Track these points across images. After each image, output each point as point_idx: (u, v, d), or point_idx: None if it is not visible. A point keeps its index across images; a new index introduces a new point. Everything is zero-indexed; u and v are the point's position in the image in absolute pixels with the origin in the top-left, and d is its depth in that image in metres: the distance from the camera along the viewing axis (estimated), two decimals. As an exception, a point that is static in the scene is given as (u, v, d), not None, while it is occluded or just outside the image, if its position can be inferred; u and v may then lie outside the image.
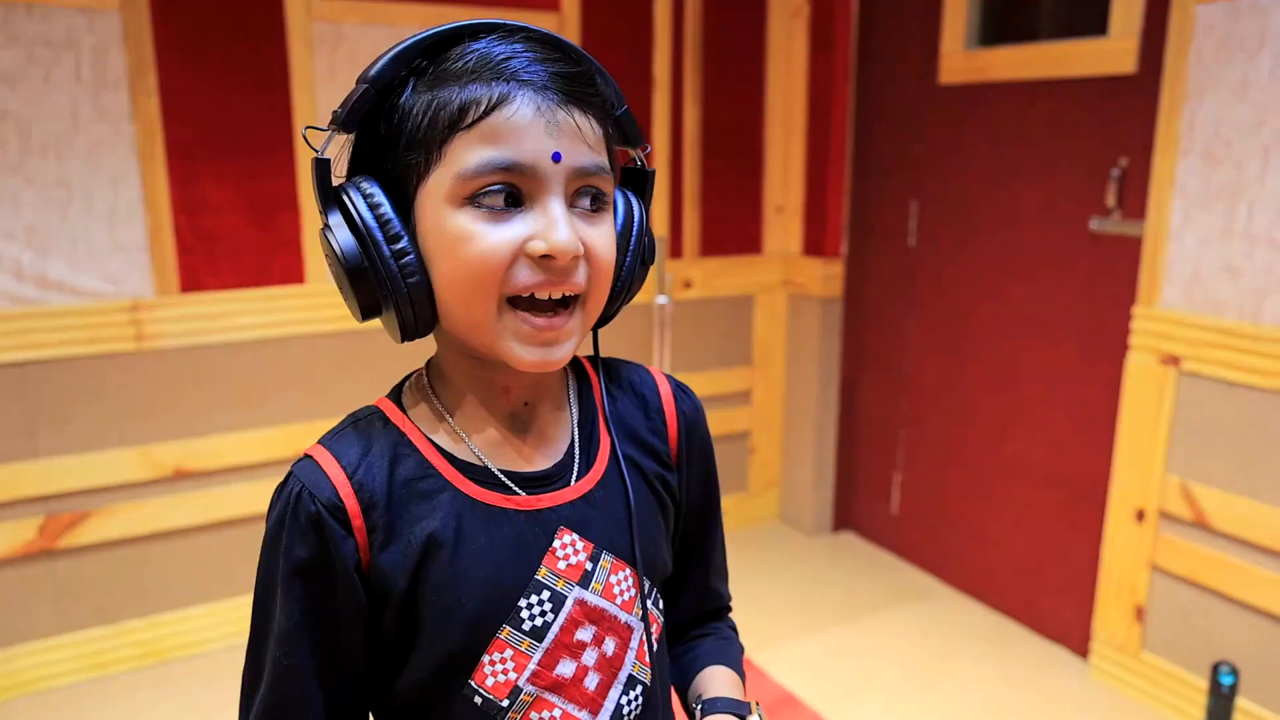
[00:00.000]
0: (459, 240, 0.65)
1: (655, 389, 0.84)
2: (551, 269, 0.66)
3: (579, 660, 0.74)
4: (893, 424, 2.76)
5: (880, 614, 2.49)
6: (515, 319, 0.67)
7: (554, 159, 0.65)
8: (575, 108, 0.67)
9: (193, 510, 2.21)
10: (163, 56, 2.03)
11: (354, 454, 0.71)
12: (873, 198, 2.73)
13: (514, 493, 0.73)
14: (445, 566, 0.70)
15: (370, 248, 0.65)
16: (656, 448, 0.82)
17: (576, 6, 2.45)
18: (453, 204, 0.65)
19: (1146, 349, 2.00)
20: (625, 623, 0.76)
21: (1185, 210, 1.92)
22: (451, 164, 0.65)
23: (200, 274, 2.15)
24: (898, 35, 2.58)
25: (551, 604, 0.72)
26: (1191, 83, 1.88)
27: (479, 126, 0.64)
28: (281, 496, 0.70)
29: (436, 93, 0.65)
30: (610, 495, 0.77)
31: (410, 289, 0.66)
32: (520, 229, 0.65)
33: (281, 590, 0.69)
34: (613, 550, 0.76)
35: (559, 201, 0.66)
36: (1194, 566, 1.96)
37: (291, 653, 0.69)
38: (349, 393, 2.34)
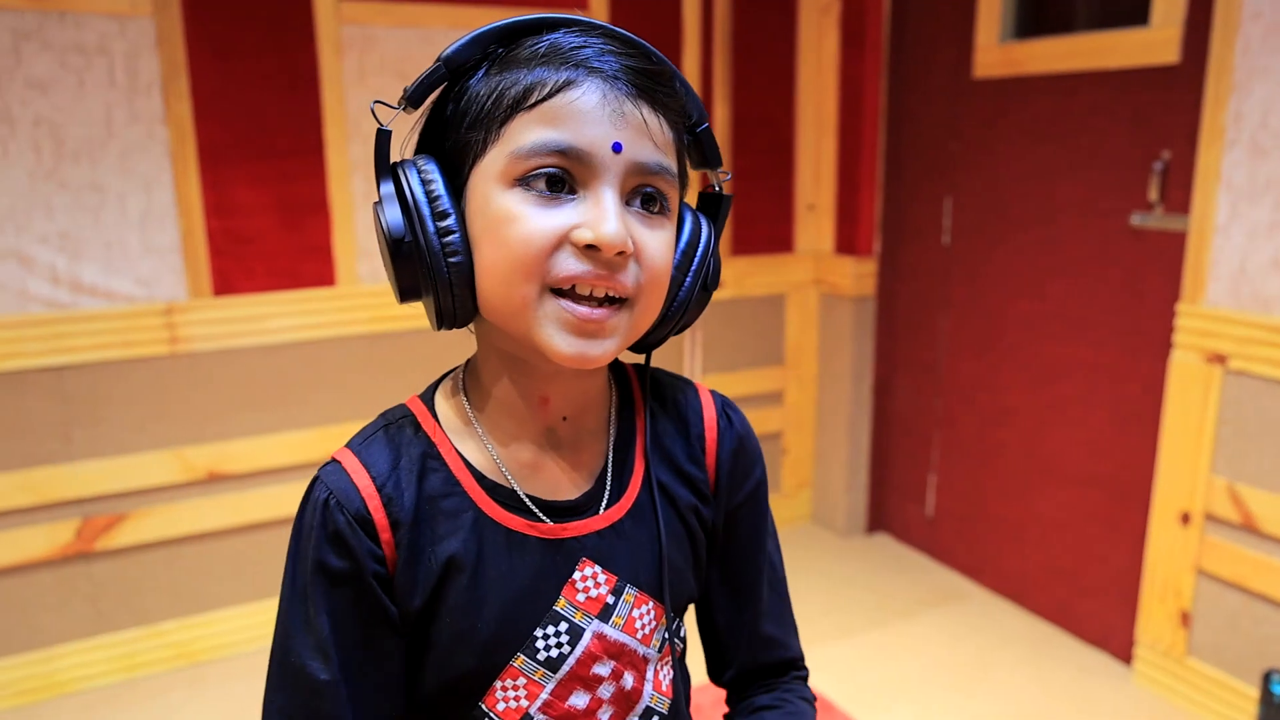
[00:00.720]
0: (503, 221, 0.63)
1: (700, 413, 0.79)
2: (596, 261, 0.62)
3: (594, 693, 0.71)
4: (927, 424, 2.72)
5: (915, 617, 2.45)
6: (556, 305, 0.63)
7: (614, 149, 0.63)
8: (646, 103, 0.65)
9: (225, 513, 2.22)
10: (194, 60, 2.04)
11: (384, 465, 0.69)
12: (906, 195, 2.69)
13: (539, 519, 0.70)
14: (463, 590, 0.68)
15: (416, 224, 0.63)
16: (694, 477, 0.78)
17: (605, 4, 2.43)
18: (503, 183, 0.63)
19: (1191, 347, 1.95)
20: (644, 655, 0.74)
21: (1232, 204, 1.86)
22: (508, 143, 0.63)
23: (232, 277, 2.16)
24: (931, 30, 2.54)
25: (569, 636, 0.70)
26: (1238, 72, 1.83)
27: (541, 107, 0.63)
28: (309, 503, 0.69)
29: (504, 75, 0.64)
30: (639, 525, 0.74)
31: (451, 269, 0.64)
32: (568, 216, 0.63)
33: (307, 596, 0.68)
34: (637, 584, 0.73)
35: (612, 193, 0.63)
36: (1242, 571, 1.90)
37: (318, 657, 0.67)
38: (380, 395, 2.34)
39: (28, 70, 1.91)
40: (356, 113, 2.21)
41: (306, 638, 0.68)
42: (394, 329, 2.32)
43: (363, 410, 2.32)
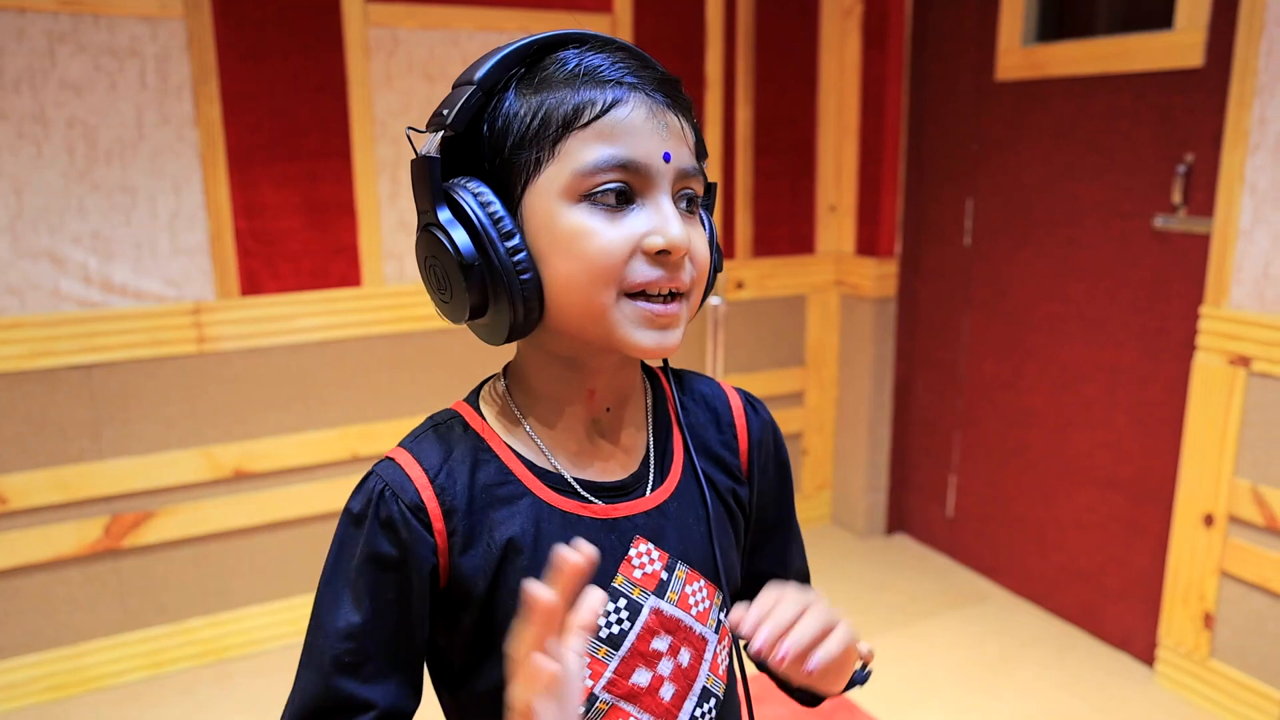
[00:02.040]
0: (577, 236, 0.66)
1: (727, 402, 0.85)
2: (666, 264, 0.67)
3: (654, 670, 0.74)
4: (948, 425, 2.72)
5: (936, 618, 2.45)
6: (633, 307, 0.67)
7: (665, 159, 0.67)
8: (678, 112, 0.70)
9: (252, 511, 2.24)
10: (224, 63, 2.06)
11: (435, 458, 0.71)
12: (927, 197, 2.69)
13: (590, 501, 0.73)
14: (524, 571, 0.70)
15: (486, 245, 0.66)
16: (728, 461, 0.82)
17: (629, 7, 2.44)
18: (568, 200, 0.66)
19: (1214, 349, 1.95)
20: (700, 634, 0.77)
21: (1256, 207, 1.87)
22: (567, 161, 0.66)
23: (260, 277, 2.18)
24: (953, 32, 2.55)
25: (628, 612, 0.73)
26: (1262, 75, 1.83)
27: (595, 125, 0.66)
28: (362, 492, 0.71)
29: (545, 96, 0.67)
30: (684, 507, 0.77)
31: (524, 285, 0.66)
32: (636, 225, 0.67)
33: (354, 582, 0.70)
34: (687, 561, 0.76)
35: (669, 200, 0.68)
36: (1267, 573, 1.90)
37: (358, 648, 0.69)
38: (406, 395, 2.36)
39: (62, 72, 1.94)
40: (384, 114, 2.23)
41: (344, 619, 0.70)
42: (418, 329, 2.33)
43: (388, 410, 2.34)
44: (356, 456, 2.32)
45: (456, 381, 2.38)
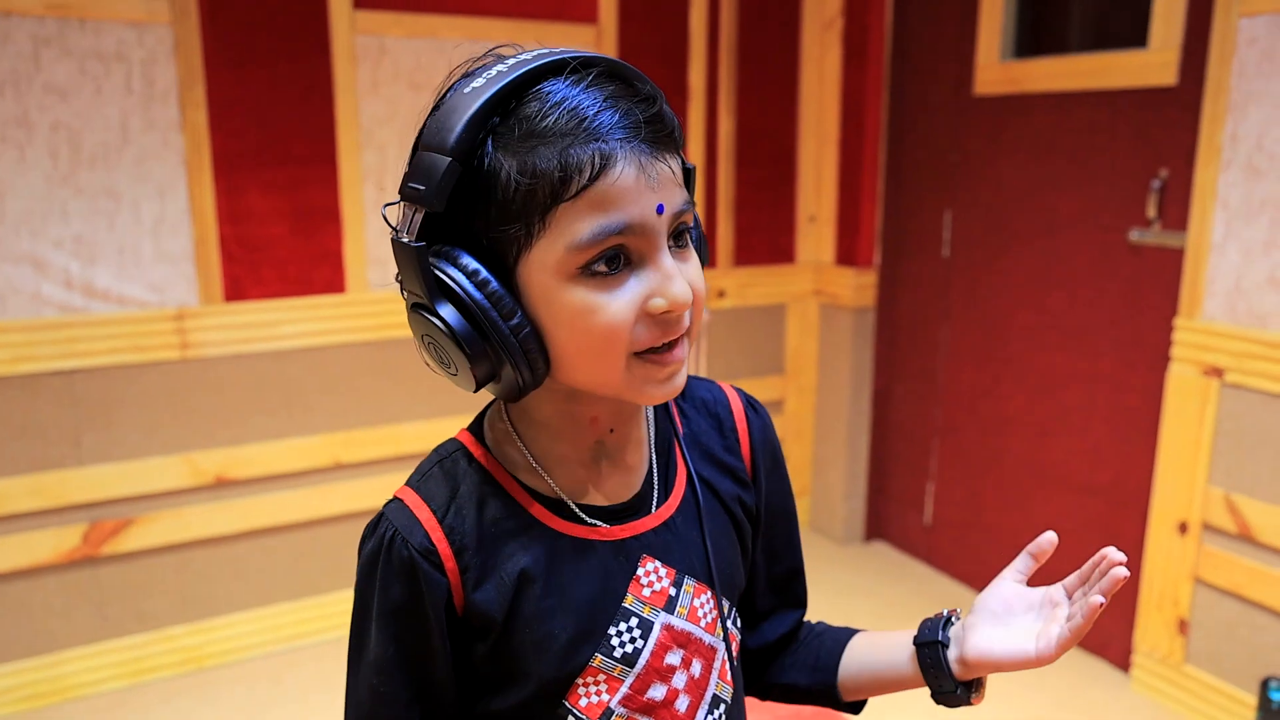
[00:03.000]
0: (580, 314, 0.64)
1: (728, 406, 0.85)
2: (669, 322, 0.66)
3: (669, 684, 0.75)
4: (926, 433, 2.76)
5: (914, 625, 2.48)
6: (643, 367, 0.67)
7: (658, 211, 0.64)
8: (664, 152, 0.66)
9: (234, 518, 2.23)
10: (211, 69, 2.06)
11: (442, 496, 0.72)
12: (906, 208, 2.73)
13: (597, 525, 0.74)
14: (538, 600, 0.71)
15: (485, 326, 0.64)
16: (733, 466, 0.83)
17: (614, 19, 2.46)
18: (564, 276, 0.64)
19: (1188, 360, 2.00)
20: (709, 644, 0.78)
21: (1228, 222, 1.92)
22: (560, 235, 0.63)
23: (244, 283, 2.17)
24: (932, 47, 2.59)
25: (640, 630, 0.74)
26: (1234, 94, 1.88)
27: (586, 195, 0.62)
28: (374, 537, 0.72)
29: (527, 158, 0.62)
30: (688, 520, 0.78)
31: (529, 356, 0.66)
32: (636, 289, 0.65)
33: (376, 624, 0.72)
34: (694, 574, 0.77)
35: (667, 255, 0.66)
36: (1239, 580, 1.95)
37: (387, 681, 0.72)
38: (389, 401, 2.35)
39: (47, 76, 1.92)
40: (370, 122, 2.23)
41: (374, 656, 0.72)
42: (402, 335, 2.34)
43: (371, 416, 2.34)
44: (340, 463, 2.32)
45: (440, 389, 2.39)
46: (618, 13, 2.47)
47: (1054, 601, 0.76)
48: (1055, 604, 0.76)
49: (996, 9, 2.38)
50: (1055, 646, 0.72)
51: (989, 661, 0.76)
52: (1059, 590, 0.77)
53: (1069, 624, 0.72)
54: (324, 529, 2.33)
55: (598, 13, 2.45)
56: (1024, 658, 0.74)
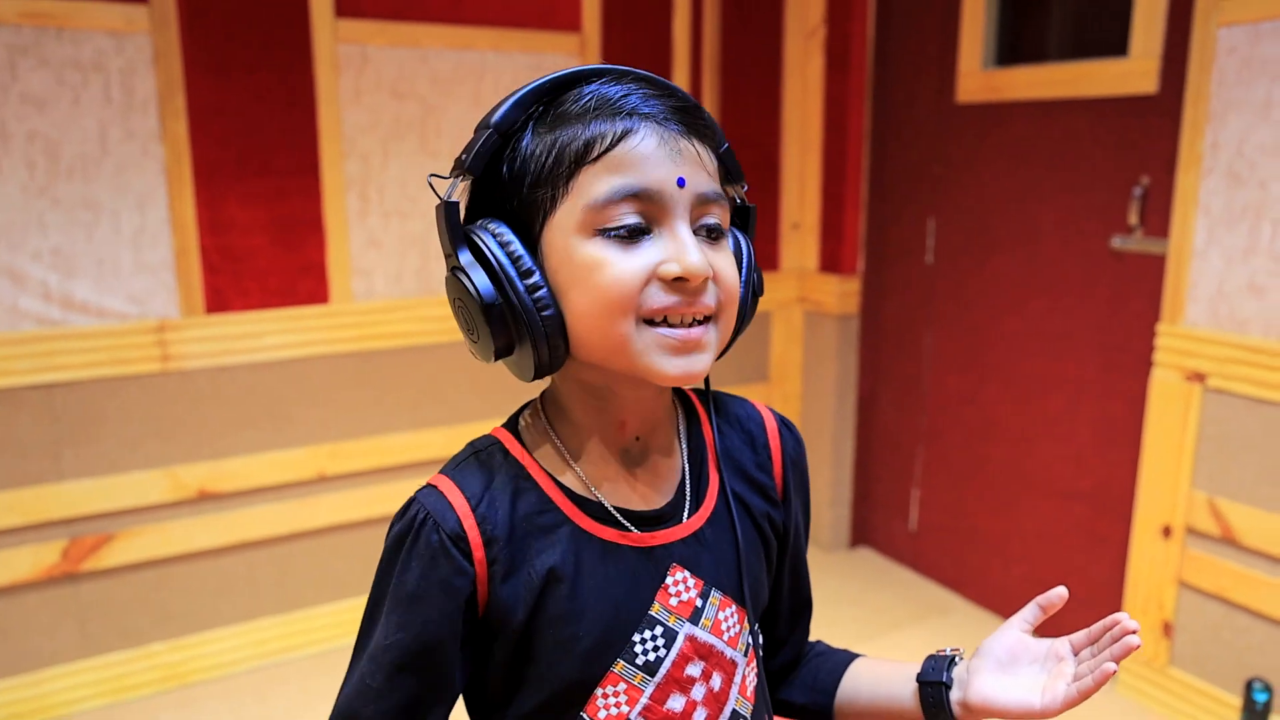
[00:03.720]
0: (592, 268, 0.66)
1: (762, 425, 0.86)
2: (684, 291, 0.67)
3: (688, 695, 0.75)
4: (911, 440, 2.77)
5: (901, 631, 2.49)
6: (653, 334, 0.67)
7: (679, 184, 0.67)
8: (694, 137, 0.69)
9: (217, 532, 2.21)
10: (191, 78, 2.04)
11: (477, 486, 0.72)
12: (890, 215, 2.74)
13: (628, 530, 0.74)
14: (564, 600, 0.71)
15: (505, 285, 0.66)
16: (764, 484, 0.83)
17: (597, 27, 2.46)
18: (583, 234, 0.66)
19: (1171, 365, 2.02)
20: (731, 658, 0.78)
21: (1209, 229, 1.94)
22: (580, 196, 0.66)
23: (226, 294, 2.15)
24: (914, 55, 2.61)
25: (664, 639, 0.73)
26: (1214, 103, 1.90)
27: (606, 158, 0.66)
28: (404, 520, 0.71)
29: (559, 133, 0.67)
30: (718, 532, 0.78)
31: (545, 322, 0.67)
32: (651, 254, 0.66)
33: (392, 610, 0.71)
34: (721, 588, 0.77)
35: (686, 226, 0.67)
36: (1223, 583, 1.97)
37: (376, 673, 0.71)
38: (374, 413, 2.34)
39: (23, 86, 1.90)
40: (352, 131, 2.22)
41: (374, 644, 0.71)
42: (387, 346, 2.32)
43: (356, 428, 2.32)
44: (324, 475, 2.29)
45: (426, 400, 2.38)
46: (601, 21, 2.47)
47: (1059, 656, 0.77)
48: (1060, 658, 0.77)
49: (978, 17, 2.40)
50: (1060, 703, 0.74)
51: (992, 708, 0.78)
52: (1065, 645, 0.78)
53: (1077, 684, 0.73)
54: (309, 542, 2.31)
55: (581, 21, 2.44)
56: (1028, 710, 0.76)
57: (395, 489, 2.38)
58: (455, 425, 2.42)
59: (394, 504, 2.38)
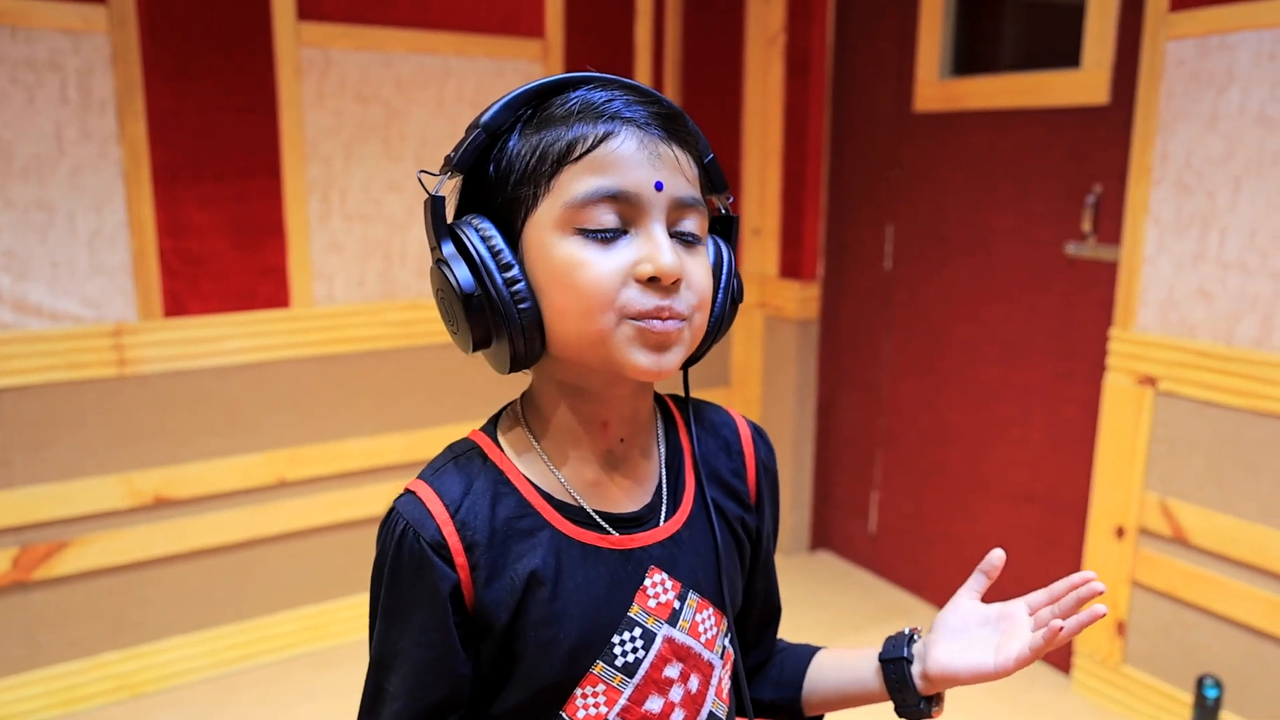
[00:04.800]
0: (570, 267, 0.67)
1: (736, 431, 0.87)
2: (658, 290, 0.68)
3: (666, 696, 0.76)
4: (870, 444, 2.80)
5: (861, 633, 2.52)
6: (631, 327, 0.68)
7: (656, 188, 0.68)
8: (674, 143, 0.71)
9: (174, 539, 2.17)
10: (150, 79, 2.01)
11: (456, 491, 0.72)
12: (849, 221, 2.78)
13: (607, 532, 0.75)
14: (546, 603, 0.72)
15: (485, 278, 0.68)
16: (738, 489, 0.84)
17: (560, 33, 2.47)
18: (561, 231, 0.68)
19: (1123, 370, 2.07)
20: (708, 660, 0.79)
21: (1159, 236, 1.99)
22: (560, 194, 0.68)
23: (184, 298, 2.12)
24: (873, 63, 2.65)
25: (643, 641, 0.74)
26: (1163, 114, 1.96)
27: (587, 159, 0.68)
28: (386, 532, 0.72)
29: (543, 134, 0.69)
30: (695, 535, 0.79)
31: (522, 315, 0.68)
32: (627, 254, 0.68)
33: (385, 621, 0.72)
34: (698, 590, 0.78)
35: (661, 228, 0.69)
36: (1174, 582, 2.02)
37: (395, 678, 0.72)
38: (335, 418, 2.31)
39: (-24, 85, 1.86)
40: (315, 135, 2.20)
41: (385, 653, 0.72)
42: (348, 350, 2.30)
43: (316, 433, 2.30)
44: (284, 481, 2.27)
45: (387, 405, 2.36)
46: (564, 27, 2.48)
47: (1009, 616, 0.79)
48: (1011, 618, 0.79)
49: (935, 27, 2.45)
50: (1013, 661, 0.76)
51: (950, 675, 0.80)
52: (1018, 605, 0.80)
53: (1029, 642, 0.75)
54: (268, 548, 2.28)
55: (544, 27, 2.45)
56: (982, 670, 0.78)
57: (356, 494, 2.36)
58: (417, 430, 2.41)
59: (355, 510, 2.36)
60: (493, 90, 2.40)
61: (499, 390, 2.55)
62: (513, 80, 2.42)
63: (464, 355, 2.39)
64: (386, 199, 2.31)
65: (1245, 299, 1.87)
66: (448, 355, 2.41)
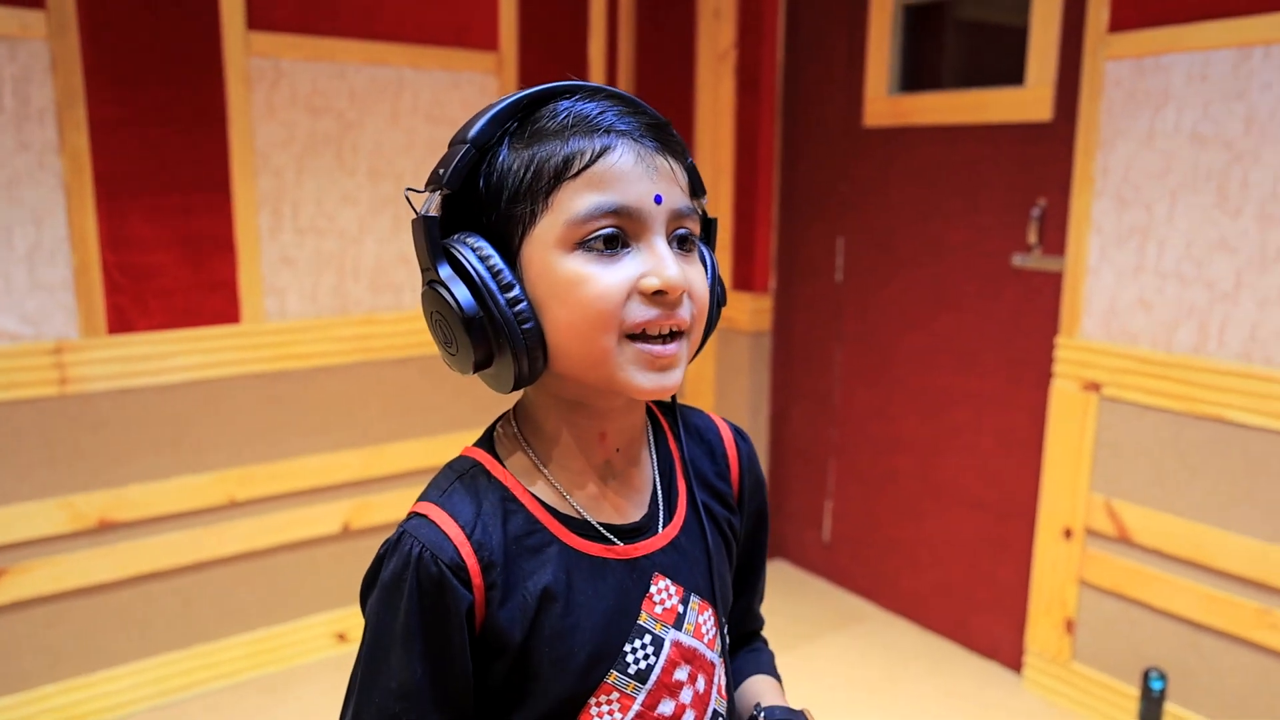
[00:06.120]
0: (574, 284, 0.67)
1: (719, 435, 0.88)
2: (663, 304, 0.69)
3: (677, 699, 0.76)
4: (823, 453, 2.84)
5: (817, 640, 2.54)
6: (633, 349, 0.69)
7: (656, 201, 0.69)
8: (668, 154, 0.71)
9: (118, 563, 2.09)
10: (92, 88, 1.95)
11: (468, 512, 0.72)
12: (800, 235, 2.82)
13: (612, 543, 0.76)
14: (559, 619, 0.72)
15: (486, 298, 0.67)
16: (723, 492, 0.86)
17: (514, 46, 2.47)
18: (563, 249, 0.68)
19: (1069, 376, 2.14)
20: (710, 660, 0.80)
21: (1102, 248, 2.06)
22: (560, 211, 0.68)
23: (130, 314, 2.05)
24: (823, 79, 2.70)
25: (653, 647, 0.75)
26: (1103, 131, 2.03)
27: (585, 174, 0.68)
28: (398, 556, 0.70)
29: (536, 149, 0.69)
30: (691, 540, 0.81)
31: (526, 335, 0.68)
32: (631, 268, 0.68)
33: (401, 647, 0.69)
34: (699, 593, 0.80)
35: (663, 240, 0.69)
36: (1119, 579, 2.09)
37: (414, 706, 0.70)
38: (287, 435, 2.26)
39: (-92, 93, 1.78)
40: (265, 146, 2.16)
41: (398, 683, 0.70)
42: (300, 367, 2.25)
43: (267, 452, 2.24)
44: (234, 501, 2.21)
45: (341, 422, 2.32)
46: (518, 41, 2.47)
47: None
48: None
49: (883, 44, 2.51)
50: None
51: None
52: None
53: None
54: (217, 571, 2.22)
55: (499, 40, 2.44)
56: None
57: (310, 513, 2.31)
58: (371, 447, 2.37)
59: (308, 529, 2.31)
60: (448, 103, 2.38)
61: (454, 406, 2.53)
62: (468, 93, 2.41)
63: (419, 371, 2.38)
64: (340, 212, 2.28)
65: (1183, 307, 1.95)
66: (402, 371, 2.38)
